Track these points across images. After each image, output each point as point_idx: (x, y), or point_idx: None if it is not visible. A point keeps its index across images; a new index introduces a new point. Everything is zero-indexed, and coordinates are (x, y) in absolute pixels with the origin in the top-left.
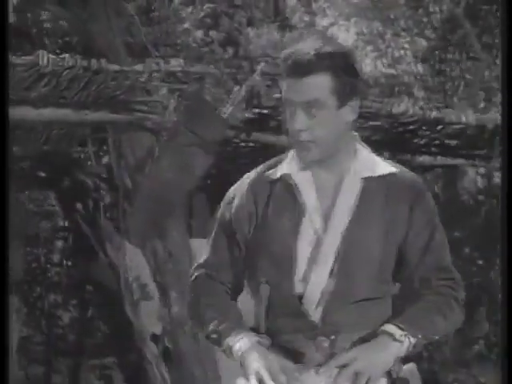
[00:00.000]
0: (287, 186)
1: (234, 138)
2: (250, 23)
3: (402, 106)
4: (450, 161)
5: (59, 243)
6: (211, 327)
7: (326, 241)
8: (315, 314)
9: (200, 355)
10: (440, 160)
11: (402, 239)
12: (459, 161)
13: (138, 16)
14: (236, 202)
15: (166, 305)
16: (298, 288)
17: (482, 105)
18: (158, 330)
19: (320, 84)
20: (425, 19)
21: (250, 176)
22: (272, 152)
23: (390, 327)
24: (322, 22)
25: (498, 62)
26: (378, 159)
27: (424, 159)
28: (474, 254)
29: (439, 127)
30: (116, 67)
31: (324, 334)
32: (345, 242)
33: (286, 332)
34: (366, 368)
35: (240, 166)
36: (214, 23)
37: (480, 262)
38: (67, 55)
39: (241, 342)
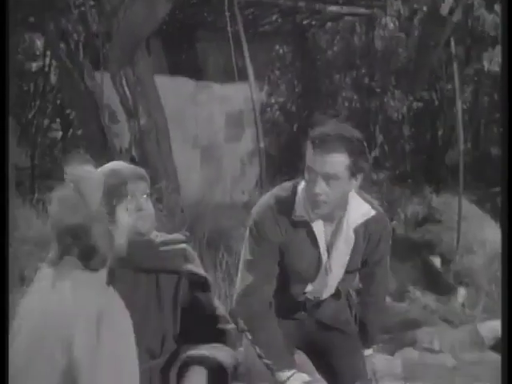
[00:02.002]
0: (307, 231)
1: None
2: None
3: None
4: (353, 10)
5: (43, 79)
6: (263, 354)
7: (334, 266)
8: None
9: (162, 156)
10: (346, 9)
11: (365, 254)
12: (361, 10)
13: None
14: (266, 224)
15: (136, 119)
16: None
17: None
18: (126, 144)
19: (339, 161)
20: None
21: (269, 205)
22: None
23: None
24: None
25: None
26: (362, 202)
27: (333, 8)
28: (372, 83)
29: None
30: None
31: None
32: (348, 265)
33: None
34: None
35: (189, 14)
36: None
37: (378, 90)
38: None
39: (292, 380)
